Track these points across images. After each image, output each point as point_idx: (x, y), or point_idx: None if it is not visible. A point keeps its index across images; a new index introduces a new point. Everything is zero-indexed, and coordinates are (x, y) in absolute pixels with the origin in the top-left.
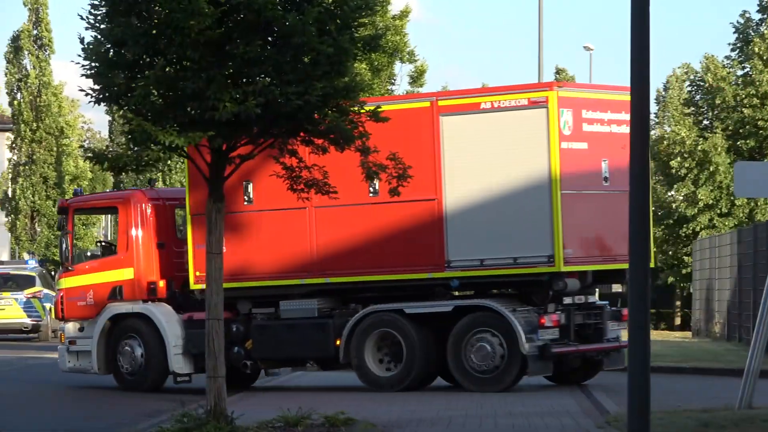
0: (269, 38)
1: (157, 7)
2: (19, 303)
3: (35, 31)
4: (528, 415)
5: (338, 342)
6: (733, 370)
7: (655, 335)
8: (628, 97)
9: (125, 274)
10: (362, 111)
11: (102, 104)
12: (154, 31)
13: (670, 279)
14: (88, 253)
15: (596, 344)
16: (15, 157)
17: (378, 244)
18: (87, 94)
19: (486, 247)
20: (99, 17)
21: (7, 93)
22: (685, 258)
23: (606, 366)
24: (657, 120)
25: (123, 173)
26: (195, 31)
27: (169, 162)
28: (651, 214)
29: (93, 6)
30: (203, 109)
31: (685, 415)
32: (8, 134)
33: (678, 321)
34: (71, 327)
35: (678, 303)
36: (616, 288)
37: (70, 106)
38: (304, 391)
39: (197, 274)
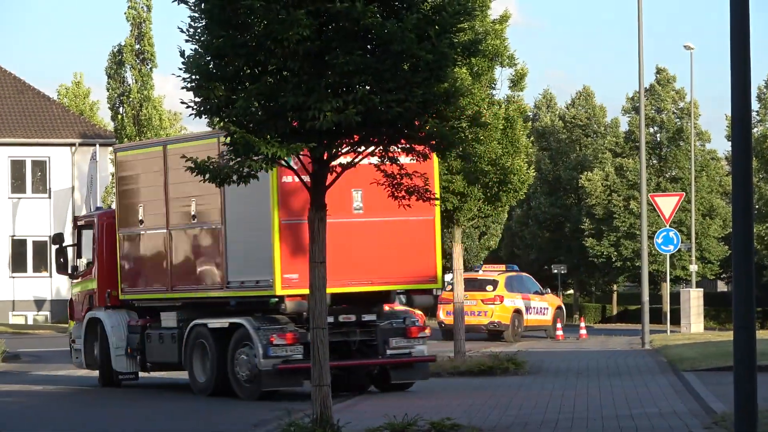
0: (368, 46)
1: (255, 19)
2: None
3: (137, 46)
4: (635, 417)
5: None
6: None
7: (762, 334)
8: None
9: (92, 284)
10: (462, 117)
11: (203, 117)
12: (254, 43)
13: None
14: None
15: (363, 360)
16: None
17: (180, 265)
18: (188, 107)
19: (245, 270)
20: (199, 30)
21: (109, 107)
22: None
23: (394, 379)
24: (759, 118)
25: (226, 183)
26: (294, 42)
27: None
28: (753, 213)
29: (192, 19)
30: (304, 120)
31: None
32: (110, 148)
33: None
34: (74, 328)
35: None
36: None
37: (171, 119)
38: (408, 398)
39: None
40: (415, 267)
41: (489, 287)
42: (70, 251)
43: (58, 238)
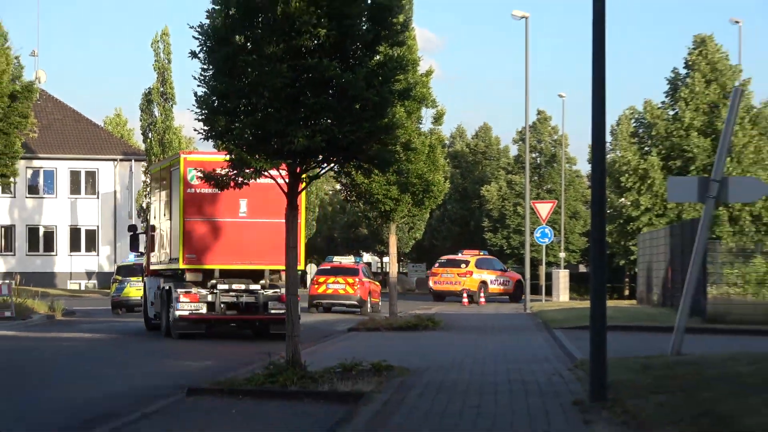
0: (330, 91)
1: (249, 71)
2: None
3: (162, 89)
4: (518, 361)
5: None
6: (667, 328)
7: (610, 303)
8: None
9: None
10: (397, 144)
11: (210, 140)
12: (248, 88)
13: (621, 262)
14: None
15: (248, 316)
16: (148, 179)
17: (159, 248)
18: (199, 133)
19: (173, 252)
20: (207, 77)
21: (141, 134)
22: (632, 247)
23: (272, 330)
24: (611, 147)
25: (226, 189)
26: (277, 87)
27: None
28: (605, 216)
29: (203, 69)
30: (284, 143)
31: (631, 360)
32: (143, 163)
33: (626, 293)
34: None
35: (626, 280)
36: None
37: (186, 142)
38: (355, 346)
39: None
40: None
41: (463, 265)
42: (140, 237)
43: (132, 228)
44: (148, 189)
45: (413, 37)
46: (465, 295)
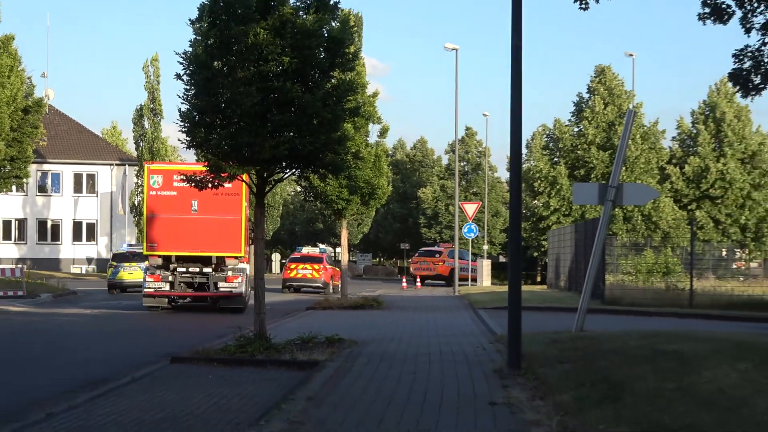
0: (292, 109)
1: (225, 91)
2: (142, 269)
3: (151, 105)
4: (448, 335)
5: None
6: (572, 308)
7: (524, 288)
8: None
9: None
10: (348, 153)
11: (191, 149)
12: (223, 105)
13: (534, 253)
14: None
15: (199, 293)
16: (139, 181)
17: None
18: (182, 143)
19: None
20: (189, 96)
21: (134, 143)
22: (543, 241)
23: (222, 305)
24: (526, 158)
25: (204, 190)
26: (248, 106)
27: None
28: (521, 215)
29: (186, 89)
30: (253, 152)
31: (542, 335)
32: (135, 168)
33: (538, 279)
34: None
35: (538, 268)
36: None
37: (172, 150)
38: (312, 322)
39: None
40: (228, 244)
41: (437, 255)
42: None
43: None
44: (140, 189)
45: (362, 65)
46: (405, 279)
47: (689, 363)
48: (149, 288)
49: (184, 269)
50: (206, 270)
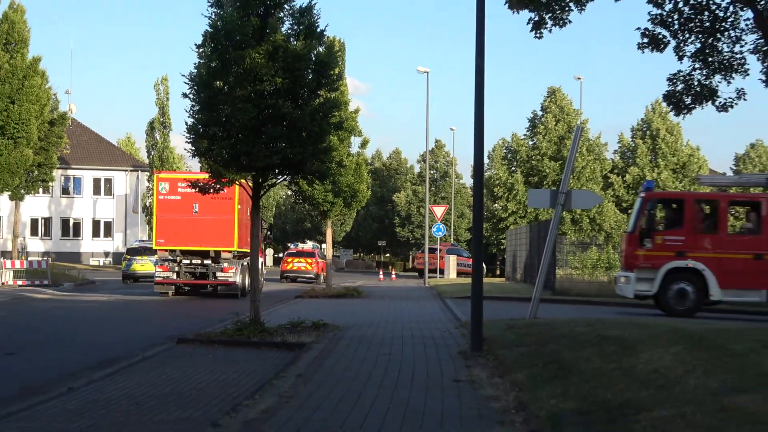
0: (284, 123)
1: (225, 107)
2: (152, 262)
3: (162, 119)
4: (419, 321)
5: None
6: (527, 298)
7: (486, 280)
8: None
9: None
10: (333, 162)
11: (196, 157)
12: (224, 119)
13: (494, 250)
14: None
15: (201, 281)
16: (150, 185)
17: None
18: (188, 152)
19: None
20: (194, 111)
21: (146, 151)
22: (502, 240)
23: (220, 292)
24: (488, 167)
25: (207, 193)
26: (245, 120)
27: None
28: (483, 216)
29: (192, 105)
30: (250, 161)
31: (501, 322)
32: (146, 173)
33: (498, 272)
34: None
35: (498, 263)
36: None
37: (179, 158)
38: (300, 309)
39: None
40: (223, 240)
41: (437, 252)
42: None
43: None
44: (150, 192)
45: (345, 85)
46: (382, 272)
47: (629, 347)
48: (159, 277)
49: (188, 261)
50: (206, 262)
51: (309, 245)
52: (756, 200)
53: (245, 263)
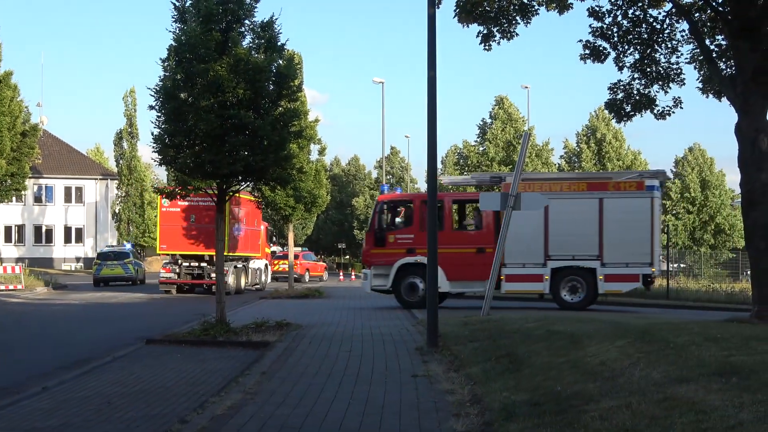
0: (246, 132)
1: (190, 117)
2: (121, 266)
3: (129, 129)
4: (378, 320)
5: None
6: (479, 297)
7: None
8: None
9: None
10: (293, 169)
11: (162, 165)
12: (189, 130)
13: None
14: None
15: (198, 281)
16: (119, 193)
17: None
18: (155, 161)
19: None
20: (161, 121)
21: (115, 161)
22: None
23: (213, 289)
24: (441, 172)
25: (173, 199)
26: (209, 130)
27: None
28: (437, 220)
29: (158, 116)
30: (214, 168)
31: (455, 319)
32: (115, 181)
33: None
34: None
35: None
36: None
37: (146, 167)
38: (264, 309)
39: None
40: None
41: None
42: None
43: None
44: (119, 199)
45: (304, 95)
46: (342, 273)
47: (577, 341)
48: (163, 277)
49: (187, 264)
50: (202, 264)
51: (298, 249)
52: (476, 199)
53: (238, 265)
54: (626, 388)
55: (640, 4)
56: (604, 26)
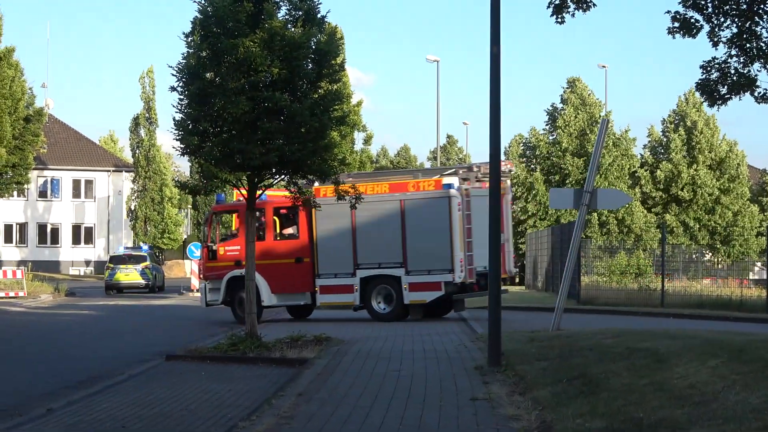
0: (281, 117)
1: (217, 101)
2: (137, 271)
3: (147, 115)
4: (431, 334)
5: None
6: (549, 308)
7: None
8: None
9: None
10: (334, 160)
11: (185, 156)
12: (216, 114)
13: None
14: None
15: None
16: (135, 187)
17: None
18: (177, 150)
19: None
20: (183, 105)
21: (130, 150)
22: (521, 244)
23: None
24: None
25: (197, 195)
26: (239, 114)
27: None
28: (500, 219)
29: (180, 99)
30: (244, 159)
31: (521, 334)
32: (131, 174)
33: (517, 280)
34: None
35: (517, 270)
36: None
37: (167, 157)
38: (300, 324)
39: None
40: None
41: None
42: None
43: None
44: (135, 195)
45: (347, 75)
46: None
47: (662, 360)
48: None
49: None
50: None
51: None
52: (294, 205)
53: None
54: (720, 415)
55: None
56: None
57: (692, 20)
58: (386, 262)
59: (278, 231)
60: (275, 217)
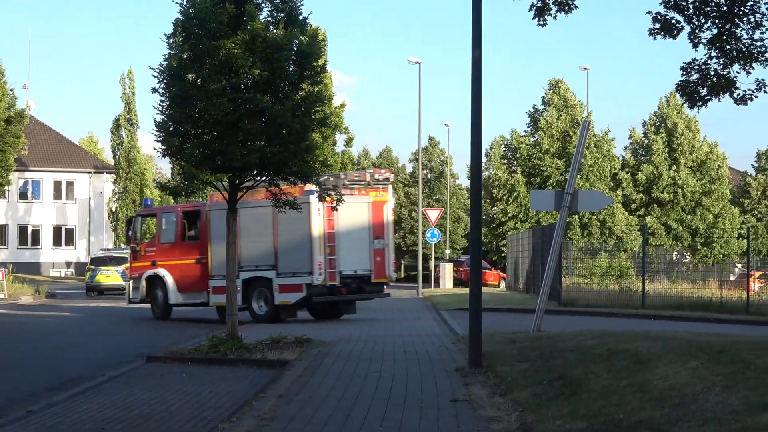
0: (263, 119)
1: (198, 103)
2: (118, 273)
3: (128, 116)
4: (412, 335)
5: None
6: (530, 310)
7: (484, 290)
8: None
9: None
10: (316, 162)
11: (166, 158)
12: (197, 116)
13: (494, 257)
14: None
15: None
16: (116, 188)
17: None
18: (158, 152)
19: None
20: (164, 106)
21: (111, 151)
22: (502, 246)
23: None
24: (486, 166)
25: (178, 197)
26: (220, 116)
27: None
28: (482, 220)
29: (161, 101)
30: (225, 160)
31: (501, 335)
32: (112, 175)
33: (498, 281)
34: None
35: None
36: None
37: (148, 159)
38: (281, 325)
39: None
40: None
41: (462, 264)
42: None
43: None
44: (117, 196)
45: (329, 77)
46: None
47: (642, 361)
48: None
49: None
50: None
51: None
52: (197, 209)
53: None
54: (699, 417)
55: None
56: None
57: (673, 21)
58: (263, 265)
59: (186, 233)
60: (184, 220)
